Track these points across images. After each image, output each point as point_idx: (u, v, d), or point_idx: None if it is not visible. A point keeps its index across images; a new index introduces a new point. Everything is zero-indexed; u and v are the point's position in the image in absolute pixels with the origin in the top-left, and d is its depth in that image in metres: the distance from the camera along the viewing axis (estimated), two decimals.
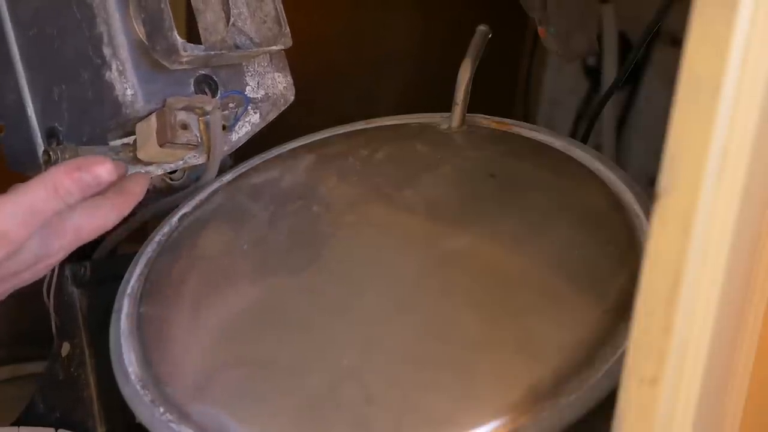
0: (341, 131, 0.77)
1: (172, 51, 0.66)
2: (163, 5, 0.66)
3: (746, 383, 0.50)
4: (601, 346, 0.55)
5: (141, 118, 0.68)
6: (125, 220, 0.67)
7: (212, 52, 0.68)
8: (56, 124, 0.71)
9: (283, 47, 0.72)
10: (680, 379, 0.39)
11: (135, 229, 0.75)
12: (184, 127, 0.67)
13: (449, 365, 0.56)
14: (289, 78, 0.76)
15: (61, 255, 0.60)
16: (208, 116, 0.69)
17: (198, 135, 0.68)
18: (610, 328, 0.56)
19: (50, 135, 0.71)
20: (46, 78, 0.71)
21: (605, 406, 0.51)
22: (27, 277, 0.60)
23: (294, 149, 0.77)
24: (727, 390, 0.49)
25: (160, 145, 0.67)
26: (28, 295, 0.68)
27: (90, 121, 0.69)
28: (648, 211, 0.60)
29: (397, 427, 0.54)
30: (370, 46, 1.07)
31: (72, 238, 0.60)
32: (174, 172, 0.75)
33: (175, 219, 0.72)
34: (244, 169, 0.75)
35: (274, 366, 0.59)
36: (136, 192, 0.64)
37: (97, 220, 0.60)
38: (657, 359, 0.39)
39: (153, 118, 0.68)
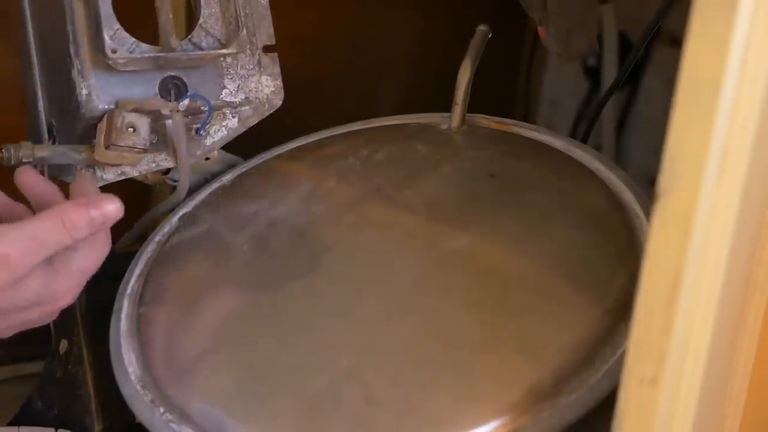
0: (341, 131, 0.77)
1: (104, 51, 0.65)
2: (100, 2, 0.65)
3: (746, 383, 0.50)
4: (601, 346, 0.55)
5: (100, 119, 0.66)
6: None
7: (149, 55, 0.66)
8: (53, 121, 0.71)
9: (235, 51, 0.69)
10: (680, 379, 0.39)
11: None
12: (133, 129, 0.65)
13: (449, 365, 0.56)
14: (279, 82, 0.72)
15: (70, 297, 0.61)
16: (168, 120, 0.67)
17: (146, 138, 0.66)
18: (610, 328, 0.56)
19: (50, 131, 0.71)
20: (47, 75, 0.71)
21: (605, 406, 0.51)
22: (33, 317, 0.60)
23: (294, 149, 0.77)
24: (727, 390, 0.49)
25: (105, 147, 0.65)
26: None
27: (68, 120, 0.69)
28: (648, 211, 0.60)
29: (398, 427, 0.54)
30: (371, 45, 1.07)
31: (80, 279, 0.61)
32: (168, 171, 0.74)
33: (175, 219, 0.72)
34: (243, 170, 0.75)
35: (274, 366, 0.59)
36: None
37: (96, 255, 0.61)
38: (657, 359, 0.39)
39: (105, 118, 0.66)
